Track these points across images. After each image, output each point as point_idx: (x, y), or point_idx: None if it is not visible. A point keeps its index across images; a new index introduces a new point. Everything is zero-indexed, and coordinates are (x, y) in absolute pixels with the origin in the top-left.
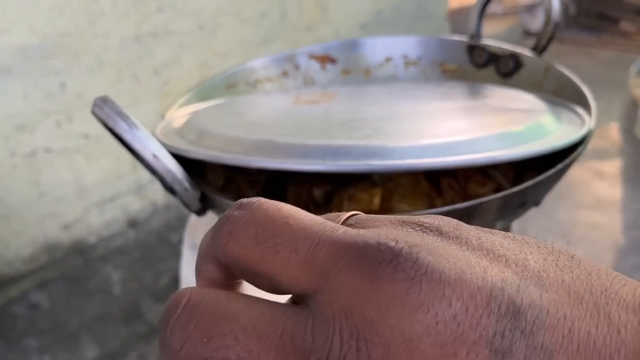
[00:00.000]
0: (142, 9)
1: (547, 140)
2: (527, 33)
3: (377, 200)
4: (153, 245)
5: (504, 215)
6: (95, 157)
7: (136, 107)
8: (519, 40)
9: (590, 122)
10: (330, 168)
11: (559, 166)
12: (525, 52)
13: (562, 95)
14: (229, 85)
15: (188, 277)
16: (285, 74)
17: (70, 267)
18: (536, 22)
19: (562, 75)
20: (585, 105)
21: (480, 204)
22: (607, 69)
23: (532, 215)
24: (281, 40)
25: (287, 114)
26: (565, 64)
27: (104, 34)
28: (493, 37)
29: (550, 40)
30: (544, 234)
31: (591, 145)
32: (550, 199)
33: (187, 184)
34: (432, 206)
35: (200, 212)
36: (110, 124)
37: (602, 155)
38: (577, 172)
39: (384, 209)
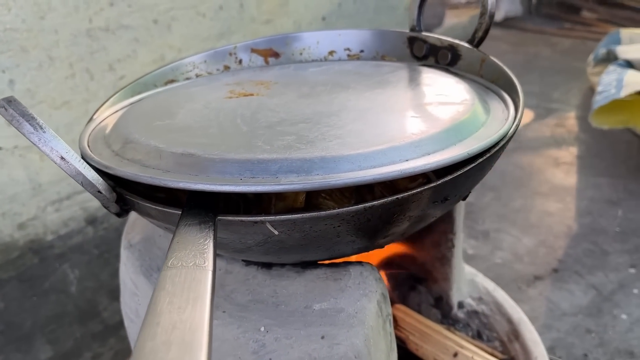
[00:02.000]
0: (93, 3)
1: (469, 141)
2: None
3: (301, 198)
4: (112, 242)
5: (431, 208)
6: None
7: (91, 104)
8: None
9: (515, 119)
10: (243, 189)
11: (479, 161)
12: (463, 43)
13: (497, 85)
14: (168, 81)
15: (124, 278)
16: (227, 68)
17: (26, 266)
18: (499, 11)
19: (496, 66)
20: (516, 96)
21: (400, 199)
22: (566, 58)
23: (489, 204)
24: (240, 33)
25: (217, 113)
26: (526, 52)
27: (53, 29)
28: (456, 26)
29: (486, 32)
30: (500, 221)
31: (549, 133)
32: (507, 187)
33: (100, 187)
34: (361, 201)
35: (121, 214)
36: (15, 125)
37: (559, 143)
38: (535, 160)
39: (311, 205)
